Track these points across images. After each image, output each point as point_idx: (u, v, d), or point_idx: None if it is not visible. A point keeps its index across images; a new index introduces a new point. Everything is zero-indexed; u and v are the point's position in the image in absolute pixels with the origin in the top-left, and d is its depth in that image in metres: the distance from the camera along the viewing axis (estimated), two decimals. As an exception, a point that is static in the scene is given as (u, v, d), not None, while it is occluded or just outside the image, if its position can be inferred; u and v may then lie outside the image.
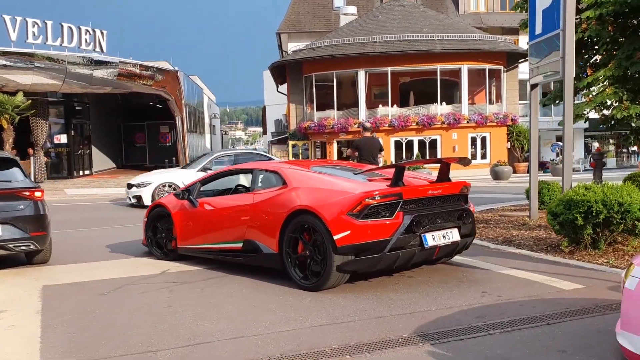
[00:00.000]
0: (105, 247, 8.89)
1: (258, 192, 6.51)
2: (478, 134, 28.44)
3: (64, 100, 24.52)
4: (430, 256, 5.98)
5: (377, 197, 5.55)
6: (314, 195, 5.85)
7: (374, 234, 5.48)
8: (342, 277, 5.67)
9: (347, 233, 5.46)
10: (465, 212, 6.15)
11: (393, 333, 4.41)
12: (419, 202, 5.83)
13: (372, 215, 5.52)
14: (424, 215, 5.74)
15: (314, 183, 6.07)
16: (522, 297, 5.32)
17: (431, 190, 5.98)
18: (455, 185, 6.26)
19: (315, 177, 6.23)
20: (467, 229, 6.20)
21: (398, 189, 5.71)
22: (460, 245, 6.18)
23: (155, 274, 6.79)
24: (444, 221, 5.95)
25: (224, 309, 5.24)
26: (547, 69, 9.06)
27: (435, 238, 5.82)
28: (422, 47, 27.20)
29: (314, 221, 5.67)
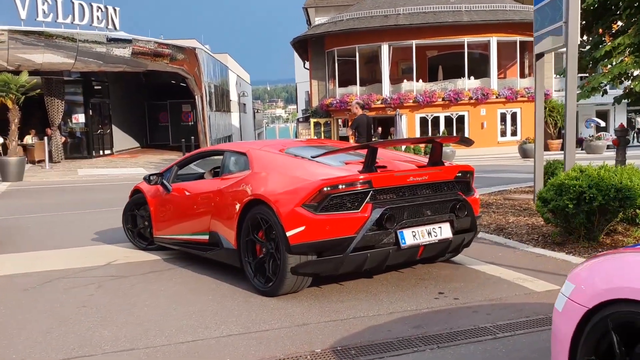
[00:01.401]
0: (84, 233, 8.43)
1: (225, 178, 5.66)
2: (508, 109, 27.15)
3: (81, 79, 24.37)
4: (412, 257, 4.92)
5: (339, 185, 4.55)
6: (271, 183, 4.95)
7: (334, 231, 4.52)
8: (300, 280, 4.75)
9: (302, 229, 4.51)
10: (460, 203, 4.99)
11: (306, 347, 3.73)
12: (396, 191, 4.78)
13: (334, 208, 4.56)
14: (400, 207, 4.69)
15: (278, 168, 5.16)
16: (481, 300, 4.55)
17: (413, 176, 4.88)
18: (449, 170, 5.15)
19: (282, 160, 5.31)
20: (463, 223, 5.07)
21: (366, 175, 4.65)
22: (456, 243, 5.08)
23: (98, 266, 6.26)
24: (431, 214, 4.88)
25: (139, 311, 4.65)
26: (549, 38, 8.08)
27: (417, 235, 4.74)
28: (449, 18, 25.98)
29: (269, 214, 4.77)
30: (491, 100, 26.54)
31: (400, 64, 28.90)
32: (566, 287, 2.55)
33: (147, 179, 6.81)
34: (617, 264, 2.35)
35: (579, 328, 2.38)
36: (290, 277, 4.67)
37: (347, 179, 4.61)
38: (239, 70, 52.68)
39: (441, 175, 5.09)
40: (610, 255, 2.51)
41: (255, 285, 4.99)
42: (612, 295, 2.25)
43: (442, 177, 5.09)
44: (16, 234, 8.59)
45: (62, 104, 22.87)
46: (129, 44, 22.46)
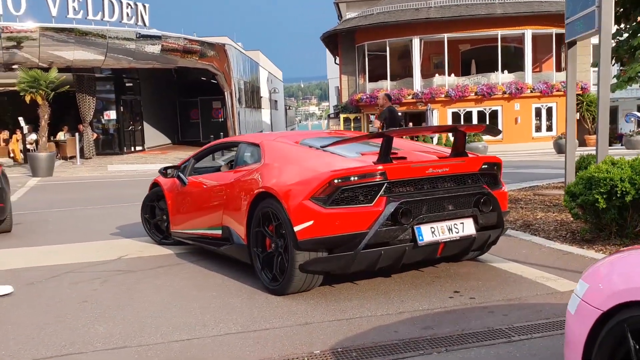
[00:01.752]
0: (104, 227, 8.37)
1: (237, 170, 5.45)
2: (543, 104, 26.39)
3: (112, 76, 24.57)
4: (431, 255, 4.57)
5: (351, 177, 4.22)
6: (281, 175, 4.68)
7: (345, 226, 4.19)
8: (310, 279, 4.44)
9: (310, 224, 4.21)
10: (485, 198, 4.57)
11: (305, 348, 3.49)
12: (414, 184, 4.41)
13: (345, 201, 4.23)
14: (418, 201, 4.32)
15: (290, 159, 4.88)
16: (498, 300, 4.25)
17: (433, 168, 4.50)
18: (473, 162, 4.75)
19: (295, 151, 5.04)
20: (488, 218, 4.65)
21: (380, 166, 4.30)
22: (480, 240, 4.69)
23: (108, 260, 6.14)
24: (453, 209, 4.49)
25: (139, 307, 4.48)
26: (581, 24, 7.66)
27: (436, 232, 4.37)
28: (481, 11, 25.36)
29: (278, 208, 4.48)
30: (525, 94, 25.83)
31: (432, 58, 28.36)
32: (580, 287, 2.26)
33: (163, 172, 6.63)
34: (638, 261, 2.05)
35: (592, 333, 2.09)
36: (299, 275, 4.37)
37: (360, 170, 4.29)
38: (270, 67, 52.70)
39: (464, 167, 4.69)
40: (633, 251, 2.21)
41: (263, 282, 4.74)
42: (630, 296, 1.96)
43: (465, 169, 4.69)
44: (36, 228, 8.58)
45: (94, 101, 23.10)
46: (159, 40, 22.55)
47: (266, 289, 4.71)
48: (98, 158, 23.27)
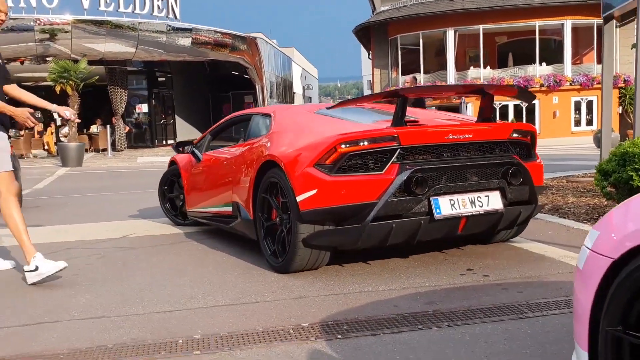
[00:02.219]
0: (122, 210, 8.22)
1: (248, 143, 5.03)
2: (583, 97, 25.45)
3: (144, 69, 24.71)
4: (451, 231, 4.05)
5: (359, 141, 3.81)
6: (287, 142, 4.27)
7: (352, 195, 3.77)
8: (316, 255, 4.04)
9: (313, 193, 3.81)
10: (514, 168, 4.05)
11: (292, 321, 3.18)
12: (431, 150, 3.95)
13: (353, 169, 3.83)
14: (435, 169, 3.86)
15: (299, 126, 4.50)
16: (515, 278, 3.85)
17: (453, 133, 4.00)
18: (500, 128, 4.24)
19: (305, 119, 4.66)
20: (518, 193, 4.12)
21: (392, 130, 3.87)
22: (509, 216, 4.13)
23: (112, 238, 5.94)
24: (476, 180, 4.00)
25: (129, 280, 4.25)
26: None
27: (456, 204, 3.88)
28: (518, 1, 24.59)
29: (281, 177, 4.10)
30: (564, 87, 24.93)
31: (468, 51, 27.67)
32: (590, 237, 1.89)
33: (177, 147, 6.31)
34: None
35: (601, 288, 1.72)
36: (303, 251, 3.98)
37: (369, 133, 3.86)
38: (305, 63, 52.57)
39: (491, 133, 4.16)
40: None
41: (268, 260, 4.34)
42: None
43: (492, 136, 4.16)
44: (52, 210, 8.49)
45: (125, 94, 23.26)
46: (190, 33, 22.54)
47: (266, 265, 4.41)
48: (129, 151, 23.43)
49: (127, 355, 2.79)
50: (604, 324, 1.70)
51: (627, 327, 1.64)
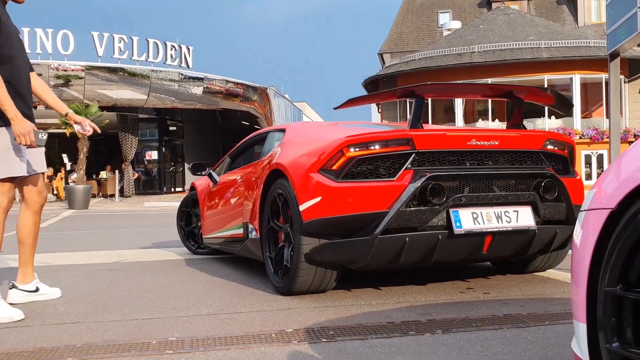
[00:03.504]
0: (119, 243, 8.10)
1: (260, 160, 4.58)
2: (593, 151, 25.28)
3: (156, 117, 25.01)
4: (475, 250, 3.50)
5: (369, 144, 3.41)
6: (294, 151, 3.88)
7: (360, 204, 3.34)
8: (322, 275, 3.57)
9: (317, 200, 3.39)
10: (547, 181, 3.56)
11: (276, 327, 2.98)
12: (451, 156, 3.52)
13: (362, 175, 3.43)
14: (455, 178, 3.41)
15: (309, 134, 4.19)
16: (517, 295, 3.63)
17: (477, 139, 3.55)
18: (533, 137, 3.76)
19: (320, 128, 4.36)
20: (553, 210, 3.61)
21: (406, 132, 3.49)
22: (544, 237, 3.58)
23: (103, 263, 5.77)
24: (503, 192, 3.52)
25: (112, 294, 4.06)
26: (624, 30, 7.12)
27: (480, 218, 3.38)
28: (527, 55, 24.85)
29: (285, 186, 3.71)
30: (574, 140, 24.87)
31: (476, 104, 27.82)
32: (586, 199, 1.72)
33: (193, 170, 5.97)
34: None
35: (599, 246, 1.54)
36: (306, 268, 3.52)
37: (379, 135, 3.49)
38: (316, 118, 53.09)
39: (520, 141, 3.68)
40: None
41: (271, 280, 3.94)
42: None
43: (521, 144, 3.68)
44: (49, 242, 8.35)
45: (136, 141, 23.44)
46: (202, 82, 22.88)
47: (258, 283, 4.21)
48: (137, 197, 23.42)
49: (95, 354, 2.60)
50: (602, 285, 1.51)
51: (628, 285, 1.46)
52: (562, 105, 4.21)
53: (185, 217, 6.45)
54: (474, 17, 36.90)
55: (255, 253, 4.31)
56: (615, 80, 8.09)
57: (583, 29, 34.75)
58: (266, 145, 5.05)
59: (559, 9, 36.72)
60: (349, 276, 4.19)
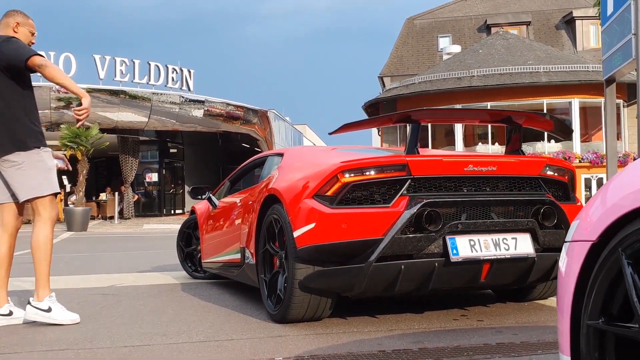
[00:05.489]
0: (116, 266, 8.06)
1: (260, 183, 4.55)
2: (593, 175, 25.30)
3: (157, 139, 25.08)
4: (473, 278, 3.46)
5: (364, 170, 3.39)
6: (290, 176, 3.87)
7: (354, 230, 3.30)
8: (316, 303, 3.52)
9: (311, 227, 3.35)
10: (546, 207, 3.52)
11: (266, 355, 2.95)
12: (448, 182, 3.50)
13: (357, 201, 3.39)
14: (451, 204, 3.38)
15: (307, 160, 4.16)
16: (511, 323, 3.60)
17: (474, 165, 3.53)
18: (531, 163, 3.76)
19: (317, 153, 4.34)
20: (553, 237, 3.55)
21: (402, 158, 3.45)
22: (543, 264, 3.52)
23: (98, 287, 5.74)
24: (501, 218, 3.49)
25: (104, 320, 4.04)
26: (619, 56, 7.16)
27: (477, 245, 3.33)
28: (525, 79, 25.00)
29: (281, 212, 3.67)
30: (574, 164, 24.86)
31: (476, 128, 27.92)
32: (571, 229, 1.71)
33: (193, 193, 5.98)
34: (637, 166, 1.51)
35: (582, 279, 1.54)
36: (300, 296, 3.46)
37: (374, 161, 3.45)
38: (316, 140, 53.23)
39: (518, 167, 3.67)
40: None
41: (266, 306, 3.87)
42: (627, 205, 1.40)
43: (520, 170, 3.67)
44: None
45: (136, 163, 23.48)
46: (203, 104, 23.00)
47: (249, 309, 4.19)
48: (137, 219, 23.38)
49: (81, 382, 2.57)
50: (584, 317, 1.50)
51: (609, 318, 1.45)
52: (561, 131, 4.18)
53: (186, 238, 6.44)
54: (473, 42, 37.20)
55: (252, 278, 4.28)
56: (611, 105, 8.11)
57: (582, 54, 35.02)
58: (265, 169, 5.06)
59: (557, 33, 37.01)
60: (344, 302, 4.15)
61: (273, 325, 3.67)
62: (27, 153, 3.77)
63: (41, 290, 3.84)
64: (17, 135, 3.75)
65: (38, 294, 3.85)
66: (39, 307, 3.83)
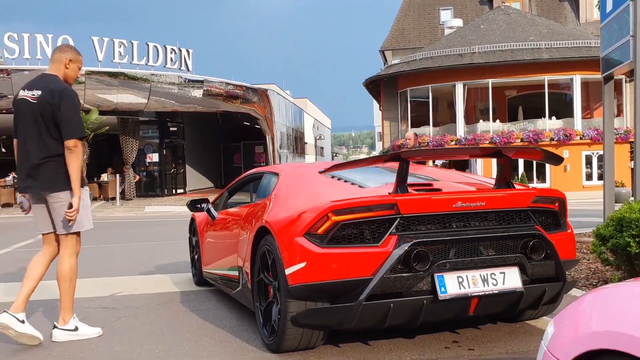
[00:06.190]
0: (116, 264, 8.15)
1: (253, 204, 4.69)
2: (594, 151, 25.27)
3: (156, 120, 25.03)
4: (461, 312, 3.61)
5: (354, 210, 3.44)
6: (282, 208, 3.92)
7: (344, 270, 3.38)
8: (309, 335, 3.64)
9: (302, 266, 3.42)
10: (534, 241, 3.62)
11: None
12: (437, 220, 3.56)
13: (347, 240, 3.47)
14: (440, 242, 3.46)
15: (298, 189, 4.18)
16: (500, 353, 3.68)
17: (462, 201, 3.58)
18: (520, 196, 3.79)
19: (307, 180, 4.36)
20: (542, 269, 3.67)
21: (391, 197, 3.50)
22: (531, 296, 3.65)
23: (99, 297, 5.83)
24: (490, 254, 3.57)
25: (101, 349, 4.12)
26: (617, 56, 7.12)
27: (465, 282, 3.43)
28: (527, 56, 24.77)
29: (274, 245, 3.74)
30: (575, 141, 24.81)
31: (478, 105, 27.78)
32: (547, 332, 1.76)
33: (191, 206, 6.06)
34: (611, 299, 1.55)
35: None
36: (292, 330, 3.57)
37: (364, 201, 3.48)
38: (317, 114, 53.07)
39: (507, 201, 3.72)
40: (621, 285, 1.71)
41: (261, 335, 4.00)
42: (603, 342, 1.46)
43: (508, 204, 3.72)
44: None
45: (136, 143, 23.50)
46: (202, 84, 22.91)
47: (245, 335, 4.27)
48: (138, 199, 23.50)
49: None
50: None
51: None
52: (551, 159, 4.16)
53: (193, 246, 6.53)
54: (475, 15, 36.76)
55: (249, 300, 4.35)
56: (609, 103, 8.09)
57: (585, 26, 34.67)
58: (260, 187, 5.11)
59: (560, 5, 36.59)
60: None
61: (268, 355, 3.75)
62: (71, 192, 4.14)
63: (66, 314, 4.28)
64: (67, 176, 4.09)
65: (64, 318, 4.27)
66: (66, 329, 4.25)
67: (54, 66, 4.31)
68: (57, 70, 4.30)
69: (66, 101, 4.09)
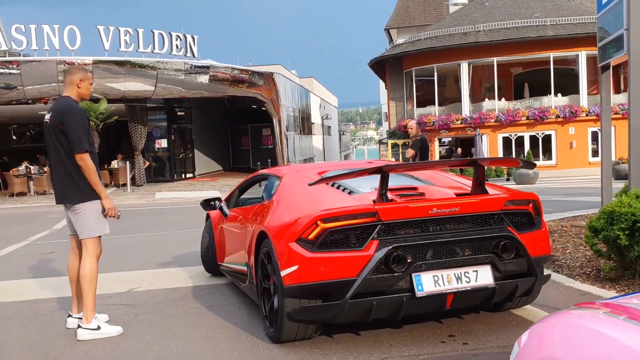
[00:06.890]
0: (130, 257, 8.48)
1: (260, 205, 5.12)
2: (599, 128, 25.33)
3: (164, 105, 25.30)
4: (439, 307, 4.04)
5: (340, 218, 3.86)
6: (279, 214, 4.36)
7: (331, 272, 3.83)
8: (304, 328, 4.13)
9: (295, 268, 3.87)
10: (505, 242, 4.00)
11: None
12: (416, 225, 3.96)
13: (335, 245, 3.89)
14: (417, 245, 3.87)
15: (294, 195, 4.61)
16: (492, 347, 3.97)
17: (438, 208, 3.96)
18: (492, 200, 4.14)
19: (303, 187, 4.69)
20: (514, 265, 4.07)
21: (372, 206, 3.91)
22: (505, 290, 4.05)
23: (117, 293, 6.16)
24: (464, 255, 3.97)
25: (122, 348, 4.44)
26: (613, 46, 7.27)
27: (440, 281, 3.85)
28: (532, 33, 24.76)
29: (271, 249, 4.19)
30: (580, 118, 24.91)
31: (483, 83, 27.85)
32: (514, 350, 2.03)
33: (205, 205, 6.52)
34: (560, 327, 1.81)
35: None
36: (289, 324, 4.05)
37: (348, 210, 3.89)
38: (324, 93, 53.09)
39: (480, 205, 4.09)
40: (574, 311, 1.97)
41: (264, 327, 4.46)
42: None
43: (482, 208, 4.09)
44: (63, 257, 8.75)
45: (145, 130, 23.81)
46: (208, 70, 23.09)
47: (256, 331, 4.59)
48: (149, 185, 23.88)
49: None
50: None
51: None
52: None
53: None
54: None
55: (254, 294, 4.81)
56: (606, 92, 8.25)
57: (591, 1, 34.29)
58: (266, 188, 5.58)
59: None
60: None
61: (276, 352, 4.06)
62: (87, 203, 4.59)
63: (89, 313, 4.62)
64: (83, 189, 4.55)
65: (87, 317, 4.62)
66: (89, 328, 4.59)
67: (68, 88, 4.71)
68: (70, 92, 4.70)
69: (68, 119, 4.48)
